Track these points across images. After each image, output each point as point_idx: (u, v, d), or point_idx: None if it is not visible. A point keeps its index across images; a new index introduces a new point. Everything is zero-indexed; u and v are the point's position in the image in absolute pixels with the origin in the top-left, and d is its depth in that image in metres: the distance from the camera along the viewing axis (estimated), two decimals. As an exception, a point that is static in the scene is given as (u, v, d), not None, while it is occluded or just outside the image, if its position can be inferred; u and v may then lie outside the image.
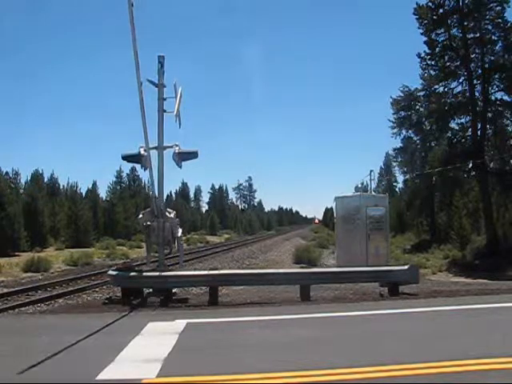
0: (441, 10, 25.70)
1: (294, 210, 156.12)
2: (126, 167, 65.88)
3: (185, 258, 23.68)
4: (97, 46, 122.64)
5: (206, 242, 47.96)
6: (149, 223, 10.86)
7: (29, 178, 47.08)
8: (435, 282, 15.73)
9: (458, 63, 26.28)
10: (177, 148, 10.80)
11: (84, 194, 49.24)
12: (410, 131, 31.98)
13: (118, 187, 61.83)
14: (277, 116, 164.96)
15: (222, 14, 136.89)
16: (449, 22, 25.83)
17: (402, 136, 32.05)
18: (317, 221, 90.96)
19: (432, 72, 27.20)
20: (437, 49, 26.51)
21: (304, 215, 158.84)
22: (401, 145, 33.80)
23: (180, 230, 11.11)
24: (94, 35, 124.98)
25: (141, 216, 11.15)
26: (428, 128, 31.01)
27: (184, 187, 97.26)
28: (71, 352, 5.65)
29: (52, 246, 35.26)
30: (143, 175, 71.09)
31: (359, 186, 56.87)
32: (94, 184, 52.80)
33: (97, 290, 13.62)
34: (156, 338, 6.40)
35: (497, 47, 25.70)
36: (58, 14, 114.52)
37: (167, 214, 10.83)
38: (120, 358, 5.36)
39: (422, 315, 8.11)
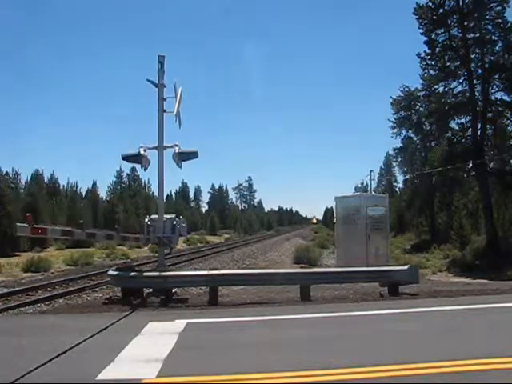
0: (441, 10, 25.66)
1: (294, 210, 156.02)
2: (126, 167, 65.98)
3: (185, 258, 23.80)
4: (98, 47, 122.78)
5: (206, 242, 47.94)
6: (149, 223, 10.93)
7: (29, 178, 47.14)
8: (435, 282, 15.71)
9: (458, 63, 26.23)
10: (177, 148, 10.78)
11: (84, 194, 49.28)
12: (410, 131, 32.05)
13: (118, 187, 61.87)
14: (277, 116, 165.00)
15: (222, 14, 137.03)
16: (449, 22, 25.80)
17: (402, 136, 32.14)
18: (315, 220, 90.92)
19: (432, 72, 27.16)
20: (437, 49, 26.46)
21: (304, 215, 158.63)
22: (401, 145, 33.93)
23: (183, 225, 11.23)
24: (95, 35, 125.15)
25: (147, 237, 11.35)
26: (428, 128, 31.04)
27: (184, 187, 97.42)
28: (71, 352, 5.64)
29: (52, 245, 35.25)
30: (143, 175, 71.15)
31: (359, 186, 57.05)
32: (94, 184, 52.94)
33: (97, 290, 13.61)
34: (156, 338, 6.40)
35: (497, 47, 25.66)
36: (59, 14, 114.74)
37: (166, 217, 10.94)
38: (120, 357, 5.36)
39: (422, 315, 8.11)
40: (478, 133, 25.74)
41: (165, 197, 12.88)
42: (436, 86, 27.06)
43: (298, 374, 4.67)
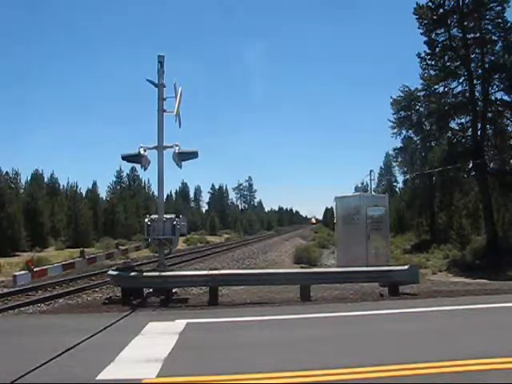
0: (441, 10, 25.70)
1: (294, 210, 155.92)
2: (126, 167, 66.04)
3: (185, 258, 23.80)
4: (97, 46, 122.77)
5: (206, 242, 47.91)
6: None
7: (29, 178, 47.15)
8: (435, 282, 15.70)
9: (458, 63, 26.27)
10: (177, 148, 10.78)
11: (84, 194, 49.26)
12: (410, 131, 32.01)
13: (118, 187, 61.92)
14: (277, 116, 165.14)
15: (222, 13, 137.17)
16: (449, 21, 25.83)
17: (402, 136, 32.09)
18: (314, 220, 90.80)
19: (432, 72, 27.19)
20: (437, 49, 26.51)
21: (304, 215, 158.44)
22: (401, 145, 33.86)
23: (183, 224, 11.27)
24: (95, 35, 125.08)
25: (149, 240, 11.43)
26: (428, 128, 31.03)
27: (184, 187, 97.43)
28: (71, 352, 5.65)
29: (52, 245, 35.27)
30: (143, 175, 71.21)
31: (359, 185, 56.91)
32: (94, 184, 52.99)
33: (97, 290, 13.61)
34: (156, 338, 6.40)
35: (497, 47, 25.72)
36: (60, 13, 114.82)
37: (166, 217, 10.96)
38: (120, 358, 5.37)
39: (422, 315, 8.11)
40: (478, 133, 25.77)
41: (165, 197, 12.89)
42: (436, 86, 27.10)
43: (298, 374, 4.67)
